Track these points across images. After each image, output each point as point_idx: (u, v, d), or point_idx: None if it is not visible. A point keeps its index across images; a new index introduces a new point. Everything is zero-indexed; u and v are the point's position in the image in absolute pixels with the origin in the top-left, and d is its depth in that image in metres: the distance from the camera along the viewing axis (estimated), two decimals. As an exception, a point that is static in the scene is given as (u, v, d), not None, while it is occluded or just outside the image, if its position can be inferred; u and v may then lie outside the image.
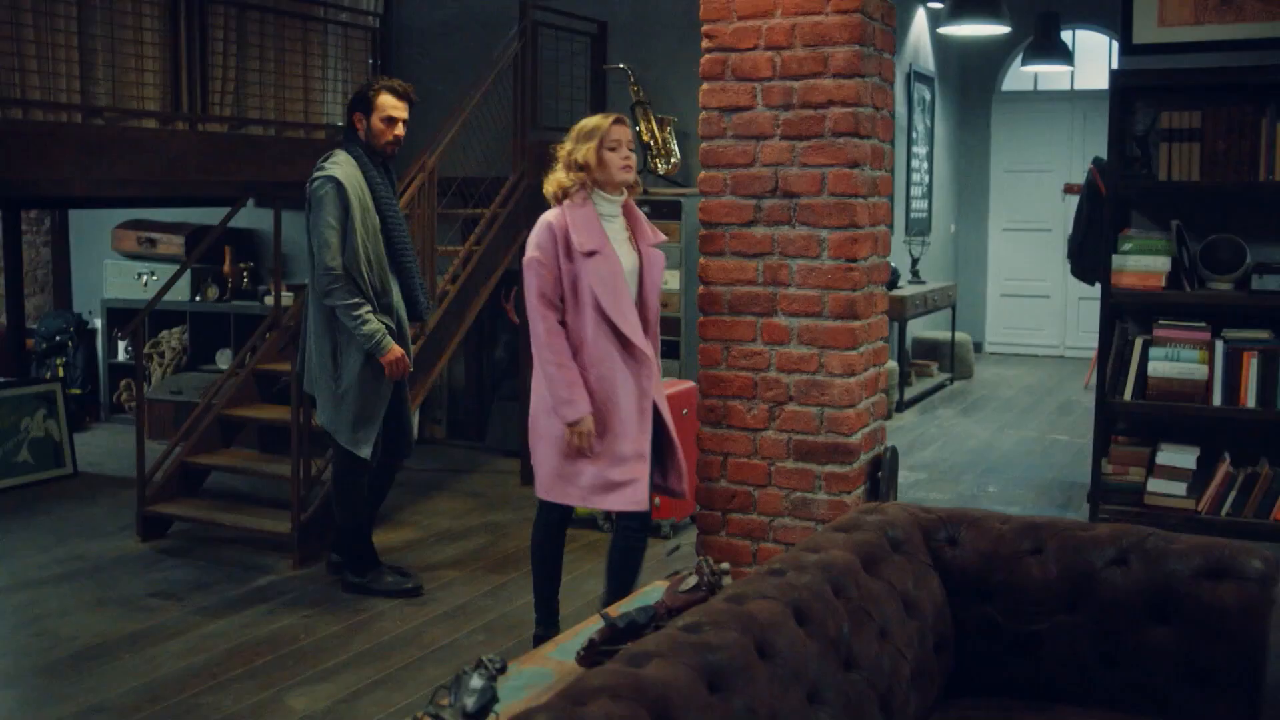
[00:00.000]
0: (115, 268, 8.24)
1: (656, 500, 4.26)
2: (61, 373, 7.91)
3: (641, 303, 3.94)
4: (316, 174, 4.60)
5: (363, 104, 4.67)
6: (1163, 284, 5.86)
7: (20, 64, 4.98)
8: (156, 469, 5.75)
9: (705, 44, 4.12)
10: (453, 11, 7.46)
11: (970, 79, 11.63)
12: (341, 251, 4.53)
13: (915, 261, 9.65)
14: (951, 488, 6.63)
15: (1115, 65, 5.96)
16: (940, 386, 9.74)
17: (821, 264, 3.99)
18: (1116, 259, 5.91)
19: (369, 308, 4.61)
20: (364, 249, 4.58)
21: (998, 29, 7.93)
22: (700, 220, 4.19)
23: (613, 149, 3.88)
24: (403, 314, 4.83)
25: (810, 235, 4.00)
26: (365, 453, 4.74)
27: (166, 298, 7.56)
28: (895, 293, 8.69)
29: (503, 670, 2.22)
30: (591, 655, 2.48)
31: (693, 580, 2.64)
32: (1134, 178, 5.94)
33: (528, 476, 6.66)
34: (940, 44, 10.78)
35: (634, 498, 3.87)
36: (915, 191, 10.40)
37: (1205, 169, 5.73)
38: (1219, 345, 5.75)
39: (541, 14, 6.61)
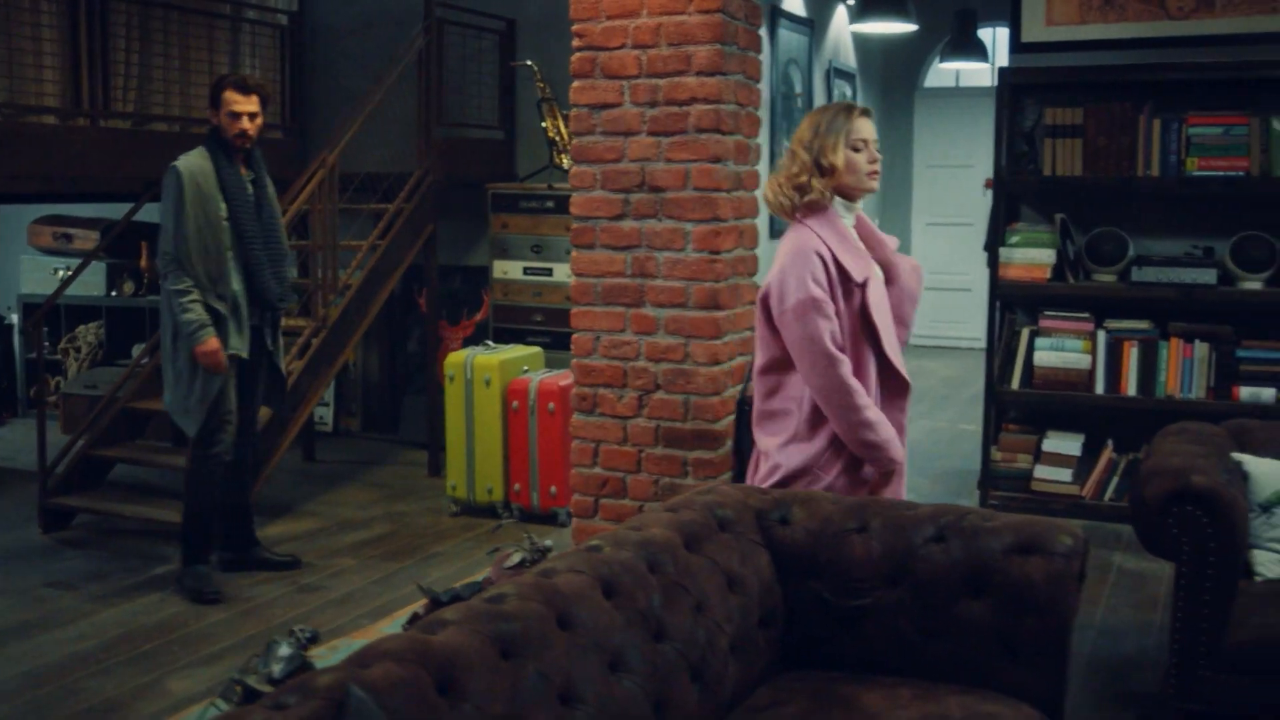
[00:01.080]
0: (31, 263, 8.26)
1: None
2: None
3: (899, 322, 3.39)
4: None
5: (212, 99, 4.79)
6: (1048, 276, 6.04)
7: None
8: (58, 462, 5.80)
9: (575, 43, 4.24)
10: (367, 8, 7.53)
11: (893, 76, 11.80)
12: (176, 237, 4.62)
13: (834, 255, 9.79)
14: (852, 476, 6.78)
15: (1002, 64, 6.10)
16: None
17: (686, 256, 4.12)
18: (1004, 251, 6.07)
19: (195, 295, 4.66)
20: (199, 237, 4.66)
21: (906, 27, 8.10)
22: (572, 214, 4.31)
23: (858, 149, 3.21)
24: (242, 303, 4.82)
25: (675, 228, 4.13)
26: (193, 430, 4.81)
27: (83, 293, 7.65)
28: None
29: (314, 640, 2.31)
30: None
31: (518, 556, 2.75)
32: (1021, 173, 6.12)
33: (435, 468, 6.77)
34: (862, 41, 10.93)
35: None
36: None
37: (1087, 164, 5.91)
38: (1101, 335, 5.94)
39: (448, 11, 6.70)
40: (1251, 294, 5.68)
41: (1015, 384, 6.07)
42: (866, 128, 3.24)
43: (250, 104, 4.75)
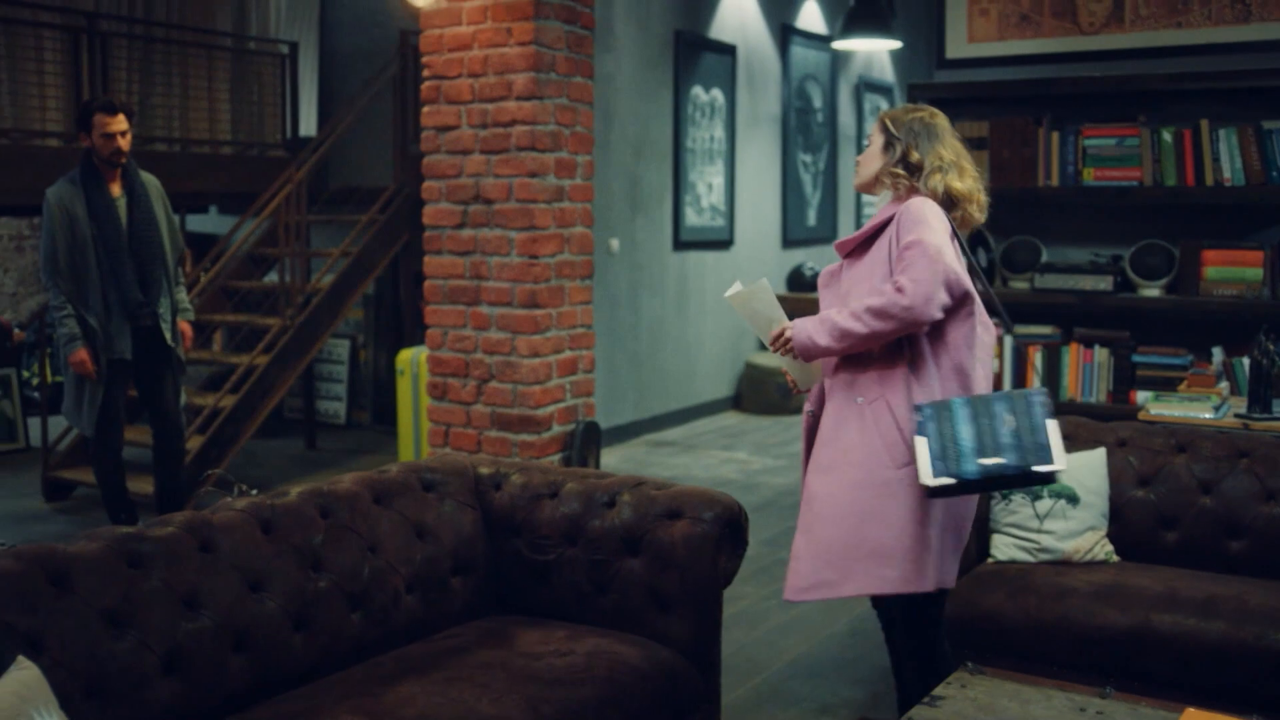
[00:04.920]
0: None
1: None
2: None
3: None
4: None
5: (83, 124, 5.26)
6: (959, 283, 6.31)
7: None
8: (60, 440, 6.65)
9: (425, 73, 4.81)
10: (375, 36, 8.24)
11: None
12: (47, 258, 5.22)
13: (853, 265, 10.09)
14: (795, 472, 7.14)
15: (913, 79, 6.43)
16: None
17: (511, 260, 4.64)
18: (918, 260, 6.38)
19: (68, 310, 5.21)
20: (68, 256, 5.21)
21: (889, 44, 8.39)
22: (424, 223, 4.87)
23: None
24: (115, 313, 5.28)
25: (502, 236, 4.65)
26: (89, 431, 5.43)
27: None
28: (814, 295, 9.18)
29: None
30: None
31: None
32: (939, 184, 6.41)
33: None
34: (902, 54, 11.20)
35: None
36: (868, 199, 10.85)
37: (994, 175, 6.18)
38: (1008, 340, 6.19)
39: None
40: (1147, 300, 5.86)
41: (929, 386, 6.36)
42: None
43: (120, 123, 5.21)
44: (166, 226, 5.40)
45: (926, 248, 2.96)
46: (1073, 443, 4.32)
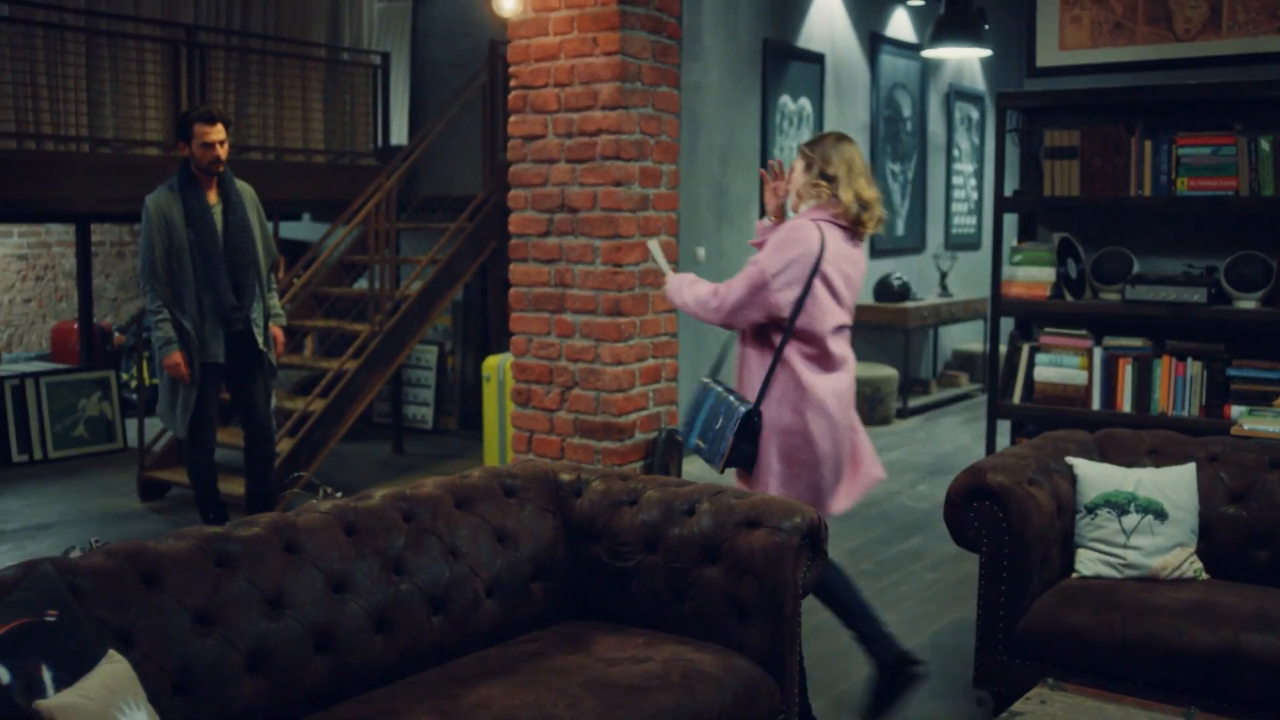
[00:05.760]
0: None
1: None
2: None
3: None
4: None
5: (183, 134, 5.34)
6: (1047, 293, 6.22)
7: (35, 104, 6.11)
8: (155, 441, 6.82)
9: (512, 83, 4.86)
10: (465, 47, 8.35)
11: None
12: (145, 263, 5.34)
13: (944, 275, 10.00)
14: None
15: (1004, 88, 6.36)
16: (964, 396, 10.04)
17: (595, 268, 4.67)
18: (1006, 270, 6.29)
19: (164, 315, 5.32)
20: (165, 261, 5.32)
21: (980, 52, 8.30)
22: (510, 231, 4.92)
23: None
24: (210, 317, 5.39)
25: (587, 244, 4.69)
26: (182, 433, 5.55)
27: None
28: (900, 305, 9.11)
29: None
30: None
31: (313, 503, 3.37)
32: (1028, 193, 6.33)
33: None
34: (993, 62, 11.06)
35: None
36: (959, 208, 10.73)
37: (1084, 185, 6.08)
38: (1097, 352, 6.08)
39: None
40: (1243, 313, 5.72)
41: (1016, 398, 6.28)
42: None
43: (219, 132, 5.30)
44: (260, 233, 5.52)
45: (760, 272, 3.61)
46: (1161, 457, 4.26)
